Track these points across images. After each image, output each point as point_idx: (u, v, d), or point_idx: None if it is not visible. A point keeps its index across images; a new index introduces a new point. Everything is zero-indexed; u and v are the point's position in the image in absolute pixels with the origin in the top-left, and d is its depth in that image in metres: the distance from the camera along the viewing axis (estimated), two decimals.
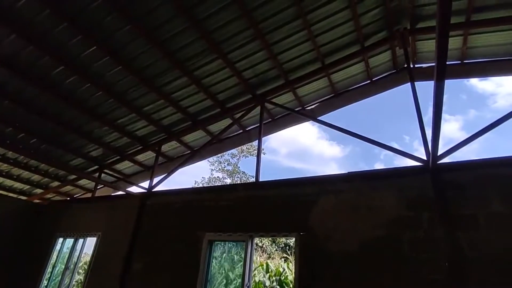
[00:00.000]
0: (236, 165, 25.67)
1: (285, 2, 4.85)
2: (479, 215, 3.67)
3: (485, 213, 3.65)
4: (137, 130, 7.06)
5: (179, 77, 5.85)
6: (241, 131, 7.53)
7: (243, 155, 26.46)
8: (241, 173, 25.36)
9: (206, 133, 7.35)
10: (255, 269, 9.46)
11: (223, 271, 5.50)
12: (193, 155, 7.45)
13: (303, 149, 47.73)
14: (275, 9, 4.94)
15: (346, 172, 4.77)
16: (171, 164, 8.11)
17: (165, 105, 6.43)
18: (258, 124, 6.44)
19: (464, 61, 5.74)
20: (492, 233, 3.56)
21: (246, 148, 25.48)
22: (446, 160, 4.19)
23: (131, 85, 5.81)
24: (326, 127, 5.58)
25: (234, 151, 26.21)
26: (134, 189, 7.65)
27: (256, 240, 17.96)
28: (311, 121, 6.15)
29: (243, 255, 5.10)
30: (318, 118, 6.69)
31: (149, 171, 8.12)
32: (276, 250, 17.58)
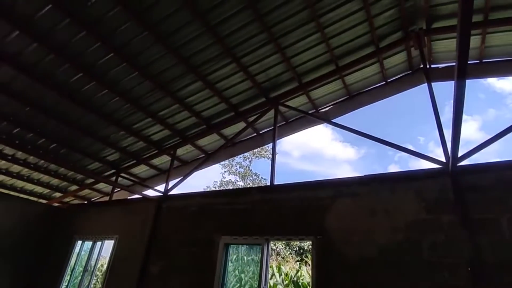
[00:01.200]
0: (248, 167, 25.70)
1: (298, 5, 4.87)
2: (501, 219, 3.56)
3: (507, 217, 3.54)
4: (152, 135, 7.18)
5: (193, 82, 5.93)
6: (254, 134, 7.55)
7: (255, 157, 26.49)
8: (253, 175, 25.36)
9: (220, 136, 7.41)
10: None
11: (237, 273, 5.52)
12: (208, 158, 7.52)
13: (316, 151, 47.37)
14: (287, 13, 4.96)
15: (362, 174, 4.71)
16: (186, 167, 8.19)
17: (180, 110, 6.52)
18: (272, 127, 6.45)
19: (483, 61, 5.61)
20: None
21: (258, 150, 25.49)
22: (465, 162, 4.10)
23: (147, 91, 5.92)
24: (340, 129, 5.54)
25: (245, 153, 26.32)
26: (150, 192, 7.76)
27: (271, 243, 17.99)
28: (324, 123, 6.11)
29: (256, 258, 5.11)
30: (332, 120, 6.65)
31: (164, 174, 8.24)
32: (290, 253, 17.46)
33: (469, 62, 5.67)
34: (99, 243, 7.31)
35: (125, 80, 5.64)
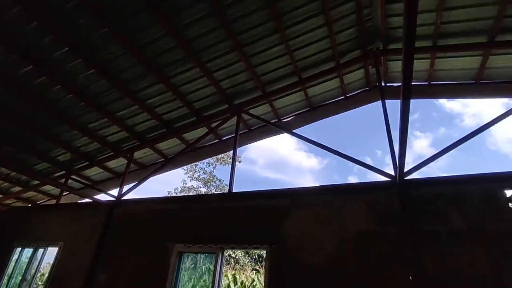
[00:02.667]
0: (212, 173, 25.39)
1: (264, 16, 4.95)
2: (441, 231, 3.81)
3: (447, 229, 3.80)
4: (109, 136, 6.83)
5: (155, 84, 5.75)
6: (217, 140, 7.47)
7: (220, 164, 26.25)
8: (216, 182, 25.08)
9: (181, 141, 7.24)
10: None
11: (193, 283, 5.36)
12: (167, 163, 7.30)
13: (281, 160, 48.16)
14: (253, 23, 5.03)
15: (318, 185, 4.83)
16: (144, 171, 7.88)
17: (139, 111, 6.28)
18: (234, 135, 6.44)
19: (431, 82, 6.06)
20: (453, 249, 3.70)
21: (222, 156, 25.30)
22: (414, 176, 4.37)
23: (104, 89, 5.64)
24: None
25: (210, 159, 25.99)
26: (102, 197, 7.34)
27: (230, 251, 17.78)
28: (286, 133, 6.21)
29: (212, 267, 5.00)
30: (294, 130, 6.79)
31: (119, 178, 7.84)
32: (249, 261, 17.39)
33: (419, 83, 6.15)
34: (41, 250, 6.74)
35: (81, 77, 5.33)
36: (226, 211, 5.30)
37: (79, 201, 8.18)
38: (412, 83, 6.21)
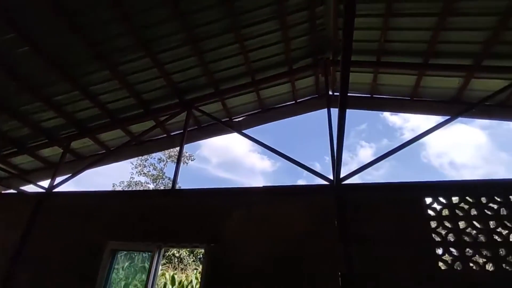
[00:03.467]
0: (162, 170, 24.55)
1: (220, 13, 4.90)
2: (370, 234, 4.09)
3: (375, 233, 4.08)
4: (43, 121, 6.22)
5: (100, 70, 5.38)
6: (165, 135, 7.22)
7: (171, 161, 25.48)
8: (166, 179, 24.30)
9: (125, 133, 6.86)
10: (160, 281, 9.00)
11: (122, 283, 5.12)
12: (108, 155, 6.88)
13: (234, 160, 48.18)
14: (209, 18, 4.95)
15: (260, 186, 4.90)
16: (82, 163, 7.32)
17: (80, 97, 5.81)
18: (182, 131, 6.27)
19: (374, 95, 6.50)
20: (380, 250, 3.99)
21: (175, 153, 24.60)
22: (353, 181, 4.64)
23: (41, 70, 5.12)
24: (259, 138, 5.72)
25: (161, 155, 25.09)
26: (30, 188, 6.68)
27: (174, 250, 17.28)
28: (236, 132, 6.20)
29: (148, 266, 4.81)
30: (245, 131, 6.83)
31: (53, 168, 7.19)
32: (194, 261, 17.08)
33: (363, 95, 6.55)
34: None
35: (14, 53, 4.79)
36: (167, 208, 5.13)
37: (2, 192, 7.34)
38: (357, 95, 6.63)
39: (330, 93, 6.61)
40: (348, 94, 6.61)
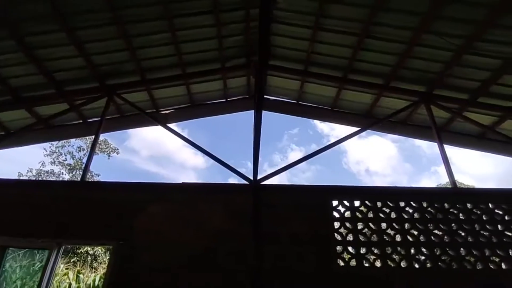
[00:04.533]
0: (81, 160, 22.29)
1: None
2: (282, 233, 4.28)
3: (287, 231, 4.29)
4: None
5: (2, 39, 4.64)
6: (80, 121, 6.53)
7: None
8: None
9: (31, 114, 6.02)
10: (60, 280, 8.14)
11: (14, 284, 4.51)
12: (8, 138, 5.96)
13: (166, 154, 46.30)
14: (138, 1, 4.65)
15: (179, 182, 4.77)
16: None
17: None
18: (105, 117, 5.77)
19: (300, 102, 6.87)
20: (290, 248, 4.20)
21: (99, 143, 22.54)
22: (270, 182, 4.81)
23: None
24: (194, 135, 5.52)
25: (82, 144, 22.76)
26: None
27: (87, 247, 15.79)
28: (172, 127, 5.92)
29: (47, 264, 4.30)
30: (171, 124, 6.60)
31: None
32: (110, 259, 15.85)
33: (291, 101, 6.87)
34: None
35: None
36: (75, 201, 4.65)
37: None
38: (285, 100, 6.90)
39: (260, 95, 6.78)
40: (277, 99, 6.96)
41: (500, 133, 5.60)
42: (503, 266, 4.01)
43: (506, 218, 4.34)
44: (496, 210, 4.40)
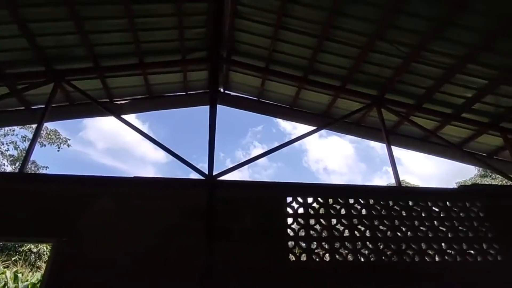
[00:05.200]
0: (26, 151, 20.44)
1: None
2: (234, 229, 4.29)
3: (239, 227, 4.30)
4: None
5: None
6: (23, 107, 5.98)
7: (39, 142, 21.43)
8: (30, 162, 20.32)
9: None
10: None
11: None
12: None
13: (124, 147, 44.23)
14: None
15: (131, 176, 4.57)
16: None
17: None
18: (54, 105, 5.34)
19: (260, 99, 6.91)
20: (242, 245, 4.21)
21: (48, 133, 20.82)
22: (226, 177, 4.78)
23: None
24: (155, 129, 5.27)
25: (28, 133, 20.85)
26: None
27: (30, 245, 14.59)
28: (132, 119, 5.60)
29: None
30: (128, 115, 6.30)
31: None
32: None
33: (251, 97, 6.89)
34: None
35: None
36: (11, 195, 4.24)
37: None
38: (246, 96, 6.92)
39: (222, 90, 6.74)
40: (238, 95, 6.94)
41: (441, 137, 6.11)
42: (437, 258, 4.38)
43: (442, 214, 4.75)
44: (433, 208, 4.79)
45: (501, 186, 9.31)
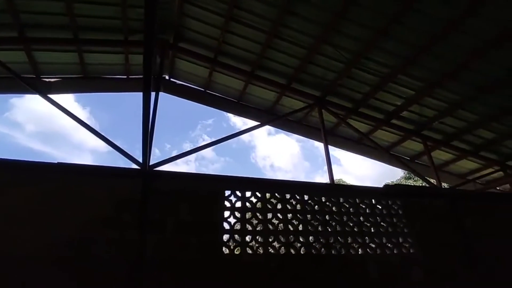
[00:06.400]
0: None
1: None
2: (167, 220, 4.15)
3: (172, 219, 4.18)
4: None
5: None
6: None
7: None
8: None
9: None
10: None
11: None
12: None
13: (60, 132, 40.21)
14: None
15: (55, 162, 4.15)
16: None
17: None
18: None
19: (207, 91, 6.79)
20: (175, 237, 4.10)
21: None
22: (162, 168, 4.60)
23: None
24: (97, 114, 4.76)
25: None
26: None
27: None
28: (72, 101, 5.01)
29: None
30: (60, 95, 5.71)
31: None
32: None
33: (197, 87, 6.72)
34: None
35: None
36: None
37: None
38: (191, 86, 6.72)
39: (167, 78, 6.47)
40: (183, 84, 6.72)
41: (373, 141, 6.62)
42: (360, 251, 4.76)
43: (367, 211, 5.17)
44: (361, 205, 5.19)
45: (419, 187, 10.47)
